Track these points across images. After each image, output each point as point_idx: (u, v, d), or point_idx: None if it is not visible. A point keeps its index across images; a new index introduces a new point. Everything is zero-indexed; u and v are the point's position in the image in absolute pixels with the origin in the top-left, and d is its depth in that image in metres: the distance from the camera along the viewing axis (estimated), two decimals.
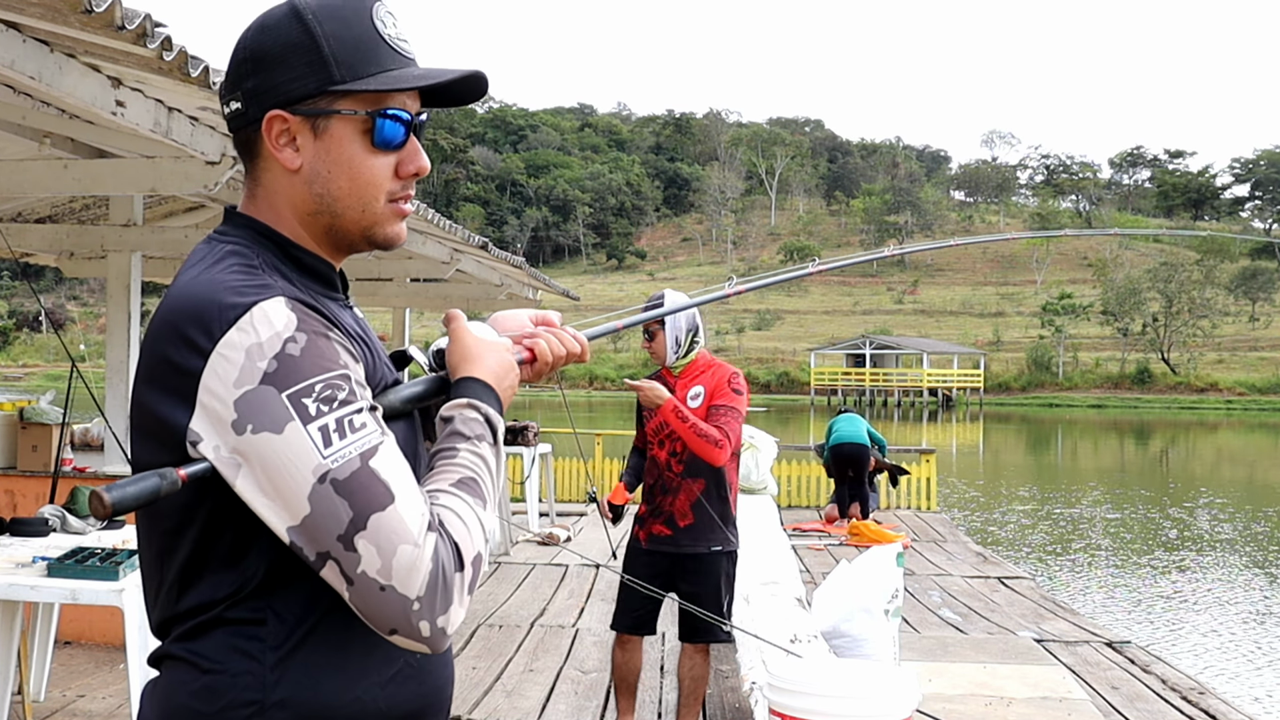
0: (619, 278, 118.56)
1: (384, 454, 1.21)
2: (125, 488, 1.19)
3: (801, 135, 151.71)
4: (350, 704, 1.29)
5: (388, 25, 1.34)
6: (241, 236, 1.35)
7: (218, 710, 1.25)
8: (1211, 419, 60.05)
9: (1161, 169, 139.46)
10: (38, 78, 3.37)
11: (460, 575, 1.19)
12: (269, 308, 1.23)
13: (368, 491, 1.17)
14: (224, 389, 1.20)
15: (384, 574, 1.16)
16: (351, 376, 1.24)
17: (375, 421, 1.23)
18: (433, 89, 1.38)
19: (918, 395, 72.99)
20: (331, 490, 1.17)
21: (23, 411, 6.71)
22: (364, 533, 1.16)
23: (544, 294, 12.43)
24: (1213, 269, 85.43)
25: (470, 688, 5.85)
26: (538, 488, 11.04)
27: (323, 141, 1.33)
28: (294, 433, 1.18)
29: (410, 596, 1.16)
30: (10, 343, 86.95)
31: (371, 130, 1.33)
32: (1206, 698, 6.04)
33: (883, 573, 5.29)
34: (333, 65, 1.31)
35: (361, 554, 1.16)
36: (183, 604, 1.30)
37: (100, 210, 7.83)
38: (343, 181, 1.34)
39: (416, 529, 1.17)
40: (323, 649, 1.28)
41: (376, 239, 1.39)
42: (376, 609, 1.17)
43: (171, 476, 1.20)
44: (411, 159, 1.37)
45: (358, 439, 1.20)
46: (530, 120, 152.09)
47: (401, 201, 1.38)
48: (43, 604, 4.90)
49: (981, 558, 10.79)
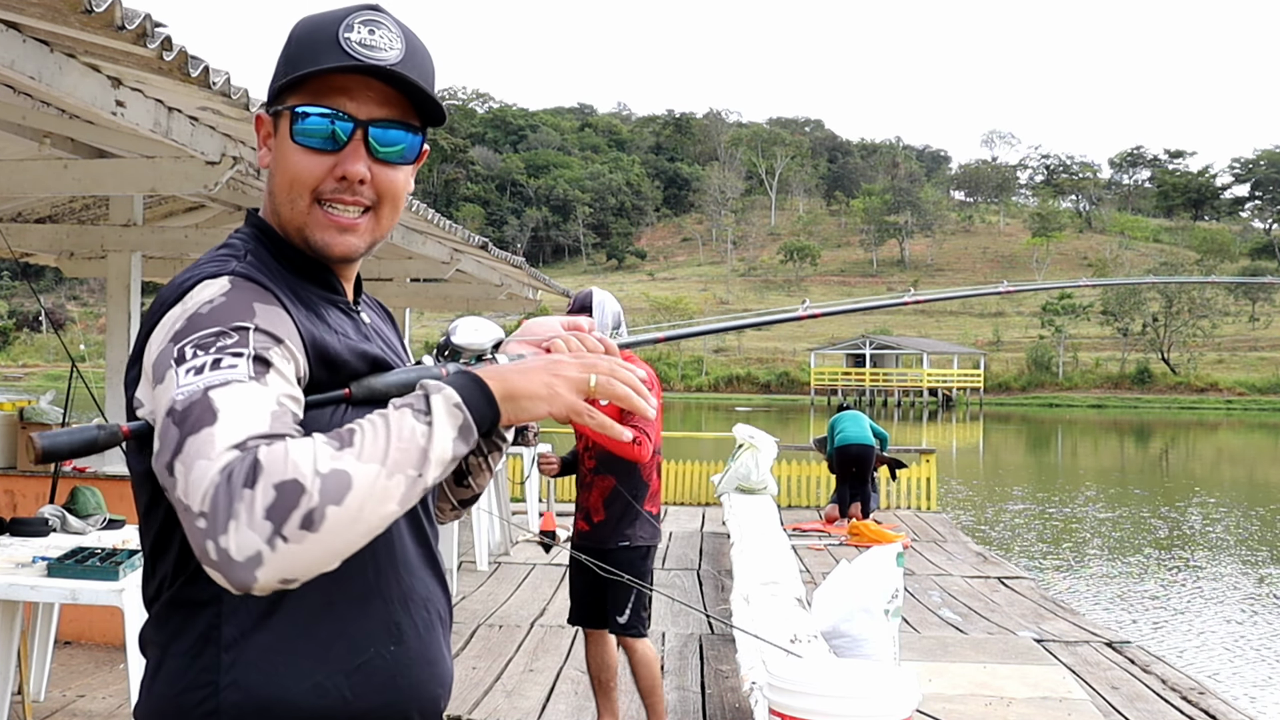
0: (619, 278, 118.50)
1: (236, 390, 1.14)
2: (60, 435, 1.20)
3: (801, 135, 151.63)
4: (309, 690, 1.27)
5: (358, 32, 1.33)
6: (244, 233, 1.41)
7: (179, 692, 1.28)
8: (1211, 419, 60.05)
9: (1161, 169, 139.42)
10: (38, 78, 3.37)
11: (249, 492, 1.06)
12: (211, 282, 1.27)
13: (194, 419, 1.12)
14: (151, 354, 1.25)
15: (185, 493, 1.09)
16: (251, 330, 1.21)
17: (251, 368, 1.18)
18: (423, 108, 1.39)
19: (918, 395, 72.97)
20: (170, 420, 1.14)
21: (23, 411, 6.71)
22: (180, 455, 1.11)
23: (544, 294, 12.43)
24: (1213, 269, 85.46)
25: (470, 688, 5.85)
26: (538, 488, 11.04)
27: (277, 139, 1.39)
28: (170, 378, 1.18)
29: (195, 510, 1.08)
30: (10, 343, 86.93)
31: (290, 124, 1.36)
32: (1206, 698, 6.04)
33: (883, 573, 5.29)
34: (285, 65, 1.36)
35: (177, 477, 1.11)
36: (151, 584, 1.34)
37: (100, 210, 7.83)
38: (278, 177, 1.38)
39: (222, 446, 1.09)
40: (282, 632, 1.27)
41: (311, 243, 1.37)
42: (191, 538, 1.09)
43: (112, 428, 1.22)
44: (341, 162, 1.34)
45: (213, 375, 1.16)
46: (530, 120, 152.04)
47: (335, 206, 1.36)
48: (43, 604, 4.90)
49: (981, 558, 10.79)
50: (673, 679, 6.11)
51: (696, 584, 8.96)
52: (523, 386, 1.25)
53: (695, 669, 6.32)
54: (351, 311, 1.44)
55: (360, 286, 1.50)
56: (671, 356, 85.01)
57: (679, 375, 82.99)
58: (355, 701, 1.30)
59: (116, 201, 6.95)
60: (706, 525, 12.22)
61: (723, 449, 13.90)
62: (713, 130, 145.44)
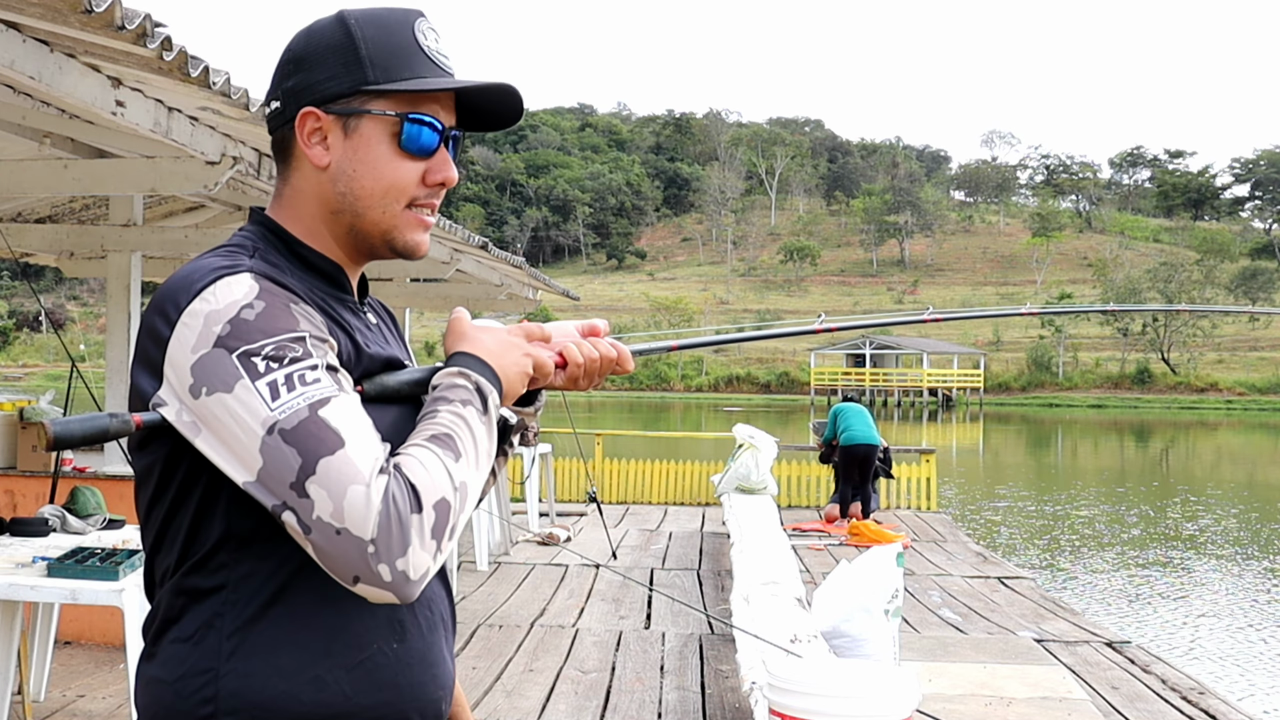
0: (619, 278, 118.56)
1: (337, 405, 1.21)
2: (71, 422, 1.22)
3: (801, 135, 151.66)
4: (309, 682, 1.28)
5: (429, 38, 1.38)
6: (252, 232, 1.40)
7: (178, 678, 1.28)
8: (1211, 419, 60.05)
9: (1161, 169, 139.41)
10: (38, 78, 3.37)
11: (418, 517, 1.17)
12: (232, 279, 1.26)
13: (315, 439, 1.18)
14: (183, 356, 1.23)
15: (337, 517, 1.15)
16: (308, 339, 1.25)
17: (331, 378, 1.23)
18: (472, 109, 1.42)
19: (918, 395, 72.98)
20: (280, 440, 1.18)
21: (23, 411, 6.70)
22: (314, 477, 1.17)
23: (544, 294, 12.43)
24: (1213, 269, 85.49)
25: (470, 688, 5.85)
26: (538, 488, 11.04)
27: (352, 140, 1.36)
28: (243, 389, 1.20)
29: (364, 538, 1.15)
30: (10, 343, 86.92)
31: (400, 133, 1.36)
32: (1206, 698, 6.04)
33: (883, 573, 5.29)
34: (368, 66, 1.35)
35: (314, 498, 1.16)
36: (154, 574, 1.35)
37: (100, 210, 7.83)
38: (367, 181, 1.37)
39: (367, 470, 1.17)
40: (284, 623, 1.28)
41: (396, 244, 1.40)
42: (337, 555, 1.16)
43: (124, 418, 1.24)
44: (440, 168, 1.39)
45: (306, 391, 1.20)
46: (530, 120, 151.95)
47: (424, 210, 1.40)
48: (43, 604, 4.90)
49: (981, 558, 10.79)
50: (673, 679, 6.11)
51: (696, 584, 8.96)
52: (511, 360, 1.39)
53: (695, 669, 6.32)
54: (359, 311, 1.45)
55: (366, 287, 1.51)
56: (671, 356, 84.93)
57: (679, 375, 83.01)
58: (355, 697, 1.30)
59: (116, 201, 6.94)
60: (706, 525, 12.22)
61: (723, 449, 13.91)
62: (713, 130, 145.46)
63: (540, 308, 13.18)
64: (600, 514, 10.96)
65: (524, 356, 1.39)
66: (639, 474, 14.44)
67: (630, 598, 8.27)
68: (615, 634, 7.13)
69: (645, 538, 11.31)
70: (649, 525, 12.26)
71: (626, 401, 70.55)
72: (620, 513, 13.15)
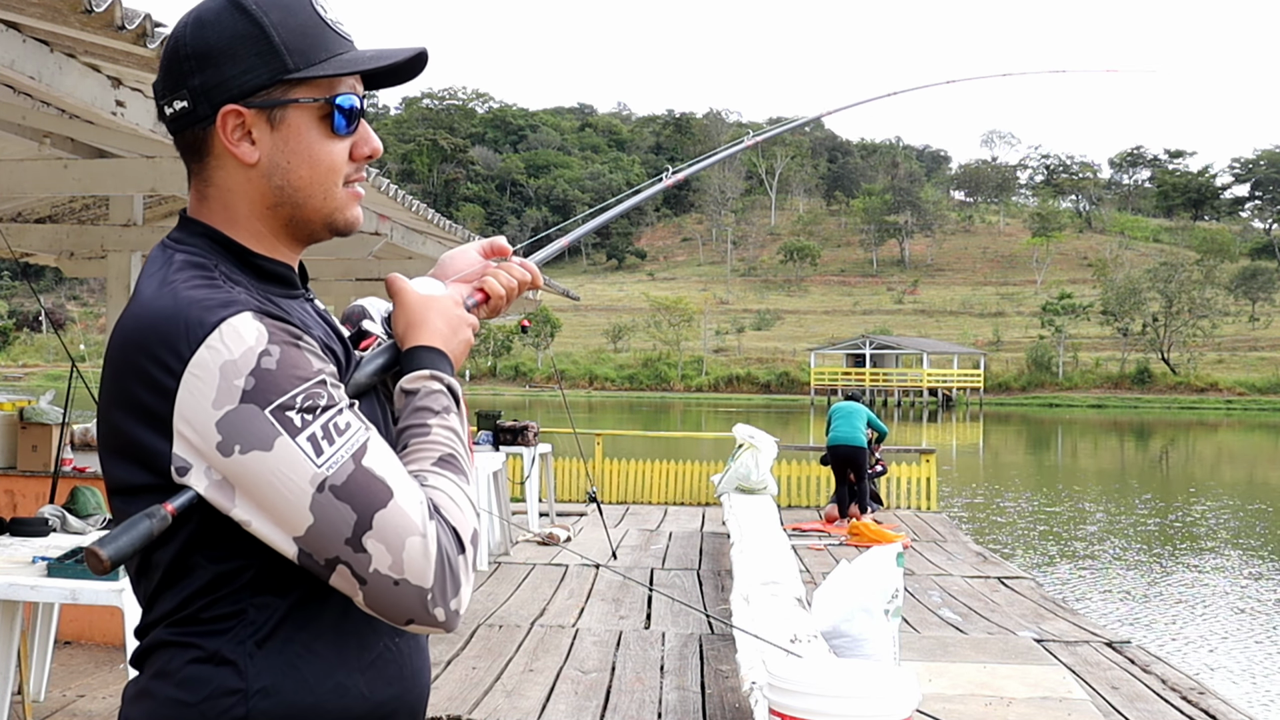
0: (619, 277, 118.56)
1: (373, 450, 1.22)
2: (119, 538, 1.19)
3: (801, 135, 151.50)
4: (332, 690, 1.29)
5: (327, 10, 1.34)
6: (198, 245, 1.33)
7: (202, 699, 1.26)
8: (1211, 419, 60.05)
9: (1161, 169, 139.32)
10: (38, 78, 3.37)
11: (463, 557, 1.23)
12: (238, 323, 1.21)
13: (367, 492, 1.19)
14: (203, 412, 1.19)
15: (396, 569, 1.18)
16: (327, 380, 1.24)
17: (358, 419, 1.24)
18: (374, 70, 1.38)
19: (918, 395, 72.98)
20: (332, 497, 1.18)
21: (23, 411, 6.71)
22: (371, 532, 1.18)
23: (544, 294, 12.43)
24: (1213, 269, 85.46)
25: (470, 688, 5.85)
26: (538, 488, 11.04)
27: (280, 132, 1.32)
28: (284, 447, 1.18)
29: (425, 587, 1.19)
30: (10, 343, 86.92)
31: (330, 117, 1.33)
32: (1206, 698, 6.04)
33: (883, 573, 5.29)
34: (285, 54, 1.29)
35: (372, 553, 1.18)
36: (165, 604, 1.29)
37: (100, 210, 7.83)
38: (303, 170, 1.33)
39: (419, 519, 1.20)
40: (300, 637, 1.28)
41: (338, 224, 1.39)
42: (392, 604, 1.20)
43: (160, 514, 1.20)
44: (365, 141, 1.38)
45: (346, 441, 1.21)
46: (530, 120, 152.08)
47: (356, 184, 1.39)
48: (43, 604, 4.90)
49: (981, 558, 10.79)
50: (673, 679, 6.11)
51: (696, 584, 8.96)
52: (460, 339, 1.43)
53: (695, 669, 6.32)
54: (306, 301, 1.42)
55: (305, 274, 1.46)
56: (671, 357, 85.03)
57: (679, 375, 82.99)
58: (371, 696, 1.33)
59: (116, 201, 6.94)
60: (706, 525, 12.22)
61: (723, 449, 13.91)
62: (713, 130, 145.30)
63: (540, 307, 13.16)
64: (600, 514, 10.96)
65: (467, 328, 1.43)
66: (639, 474, 14.44)
67: (630, 598, 8.27)
68: (615, 634, 7.13)
69: (645, 538, 11.31)
70: (649, 525, 12.26)
71: (626, 401, 70.55)
72: (620, 513, 13.15)
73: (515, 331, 69.77)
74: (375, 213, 6.76)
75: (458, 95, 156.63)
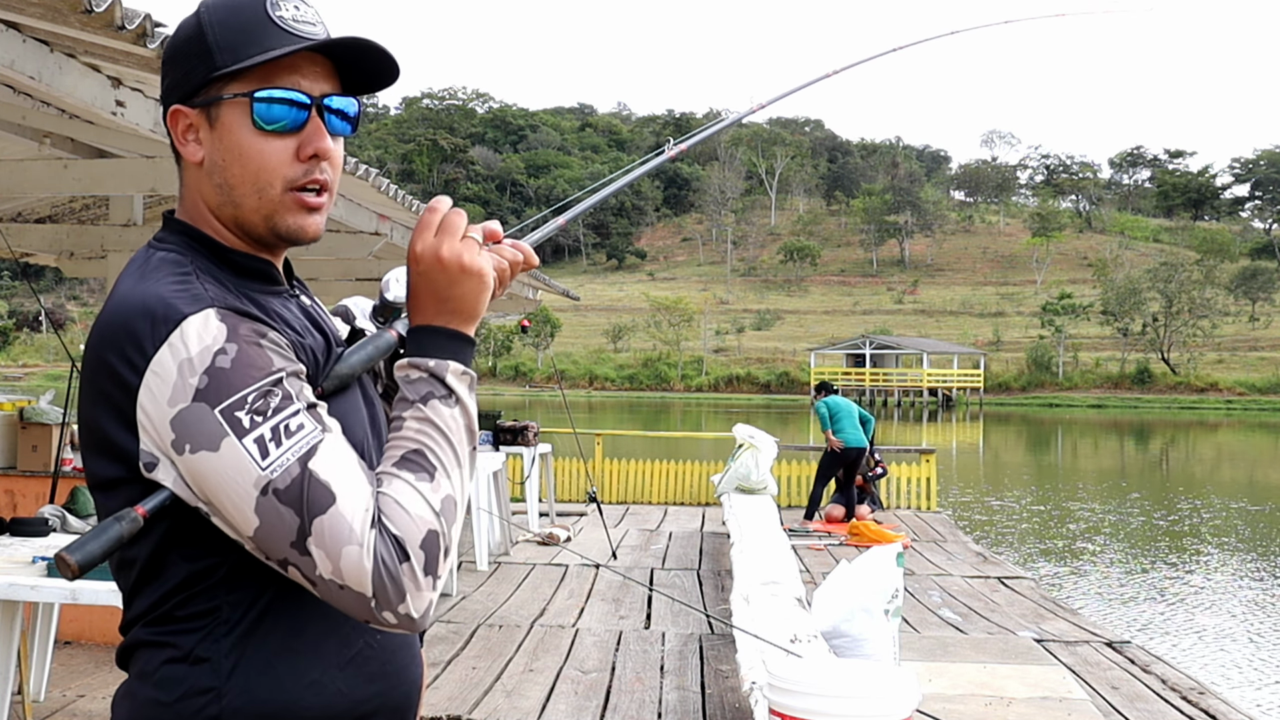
0: (619, 278, 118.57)
1: (324, 452, 1.20)
2: (88, 544, 1.19)
3: (801, 135, 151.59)
4: (308, 687, 1.29)
5: (285, 9, 1.32)
6: (175, 243, 1.34)
7: (177, 699, 1.26)
8: (1211, 419, 60.05)
9: (1161, 169, 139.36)
10: (38, 78, 3.37)
11: (408, 565, 1.18)
12: (198, 320, 1.21)
13: (310, 497, 1.17)
14: (158, 410, 1.20)
15: (337, 575, 1.17)
16: (285, 379, 1.22)
17: (314, 419, 1.22)
18: (352, 75, 1.36)
19: (918, 395, 72.99)
20: (275, 500, 1.17)
21: (23, 411, 6.71)
22: (311, 538, 1.17)
23: (544, 294, 12.43)
24: (1213, 269, 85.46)
25: (470, 688, 5.85)
26: (538, 488, 11.04)
27: (216, 131, 1.32)
28: (230, 448, 1.18)
29: (365, 594, 1.17)
30: (10, 343, 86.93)
31: (251, 112, 1.31)
32: (1206, 698, 6.04)
33: (883, 573, 5.29)
34: (215, 52, 1.30)
35: (314, 558, 1.18)
36: (143, 601, 1.31)
37: (100, 210, 7.83)
38: (235, 169, 1.32)
39: (359, 527, 1.17)
40: (276, 634, 1.29)
41: (280, 230, 1.34)
42: (344, 605, 1.20)
43: (131, 516, 1.21)
44: (310, 140, 1.33)
45: (295, 443, 1.19)
46: (530, 120, 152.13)
47: (308, 191, 1.34)
48: (43, 604, 4.90)
49: (981, 558, 10.78)
50: (673, 679, 6.11)
51: (696, 584, 8.96)
52: (475, 307, 1.32)
53: (695, 669, 6.32)
54: (290, 298, 1.41)
55: (291, 270, 1.46)
56: (671, 356, 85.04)
57: (679, 375, 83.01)
58: (350, 693, 1.32)
59: (116, 201, 6.94)
60: (706, 525, 12.22)
61: (723, 449, 13.91)
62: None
63: (540, 308, 13.19)
64: (600, 514, 10.96)
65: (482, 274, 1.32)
66: (639, 474, 14.44)
67: (630, 598, 8.27)
68: (615, 634, 7.13)
69: (645, 538, 11.31)
70: (649, 525, 12.26)
71: (626, 401, 70.53)
72: (620, 513, 13.14)
73: (515, 331, 69.77)
74: (375, 213, 6.76)
75: (458, 95, 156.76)
